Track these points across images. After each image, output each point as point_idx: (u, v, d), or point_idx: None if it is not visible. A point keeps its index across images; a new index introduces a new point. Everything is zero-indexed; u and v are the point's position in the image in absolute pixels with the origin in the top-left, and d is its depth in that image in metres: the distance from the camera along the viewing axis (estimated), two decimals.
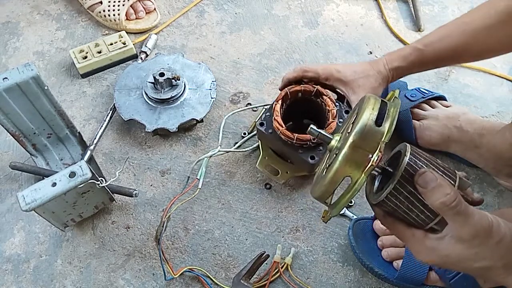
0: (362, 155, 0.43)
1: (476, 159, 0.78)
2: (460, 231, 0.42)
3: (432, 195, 0.42)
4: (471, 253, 0.43)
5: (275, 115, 0.72)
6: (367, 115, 0.44)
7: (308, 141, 0.70)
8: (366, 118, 0.44)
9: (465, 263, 0.44)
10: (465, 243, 0.42)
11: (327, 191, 0.46)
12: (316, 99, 0.75)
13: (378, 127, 0.43)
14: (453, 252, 0.43)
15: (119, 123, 0.90)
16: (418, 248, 0.46)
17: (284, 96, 0.74)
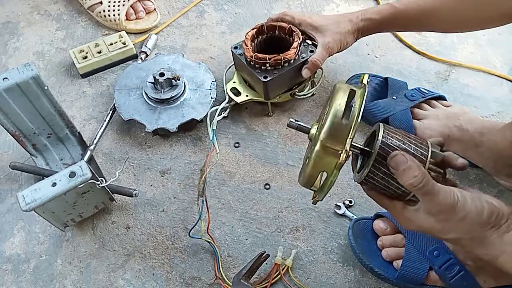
0: (332, 152, 0.47)
1: (476, 158, 0.78)
2: (429, 207, 0.47)
3: (403, 176, 0.46)
4: (440, 226, 0.47)
5: (245, 38, 0.83)
6: (334, 111, 0.48)
7: (265, 61, 0.79)
8: (334, 115, 0.47)
9: (437, 234, 0.48)
10: (433, 217, 0.47)
11: (309, 181, 0.51)
12: (289, 38, 0.84)
13: (345, 122, 0.47)
14: (425, 223, 0.48)
15: (119, 123, 0.90)
16: (398, 217, 0.51)
17: (260, 27, 0.85)
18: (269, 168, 0.84)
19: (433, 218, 0.47)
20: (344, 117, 0.47)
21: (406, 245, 0.68)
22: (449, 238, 0.48)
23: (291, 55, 0.80)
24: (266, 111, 0.90)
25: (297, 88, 0.87)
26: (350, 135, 0.47)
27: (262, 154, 0.85)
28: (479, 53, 0.98)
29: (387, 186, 0.50)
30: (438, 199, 0.46)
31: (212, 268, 0.73)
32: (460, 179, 0.80)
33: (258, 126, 0.89)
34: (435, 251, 0.65)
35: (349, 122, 0.47)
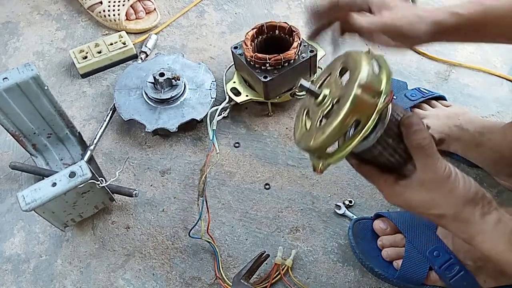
0: (370, 98, 0.45)
1: (476, 158, 0.78)
2: (424, 174, 0.48)
3: (414, 135, 0.47)
4: (429, 198, 0.48)
5: (245, 38, 0.83)
6: (365, 64, 0.46)
7: (265, 61, 0.79)
8: (366, 67, 0.46)
9: (423, 208, 0.49)
10: (425, 186, 0.48)
11: (333, 137, 0.46)
12: (289, 38, 0.84)
13: (378, 75, 0.46)
14: (414, 196, 0.49)
15: (119, 123, 0.90)
16: (388, 191, 0.51)
17: (260, 27, 0.84)
18: (269, 168, 0.84)
19: (423, 190, 0.48)
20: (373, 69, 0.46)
21: (406, 245, 0.68)
22: (433, 214, 0.49)
23: (291, 55, 0.80)
24: (266, 111, 0.90)
25: (297, 88, 0.87)
26: (387, 81, 0.46)
27: (262, 154, 0.85)
28: (479, 53, 0.98)
29: (389, 155, 0.49)
30: (436, 165, 0.47)
31: (212, 268, 0.73)
32: None
33: (258, 126, 0.89)
34: (435, 251, 0.65)
35: (380, 72, 0.46)
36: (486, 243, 0.48)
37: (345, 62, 0.50)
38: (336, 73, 0.51)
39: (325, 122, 0.47)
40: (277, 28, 0.85)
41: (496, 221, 0.48)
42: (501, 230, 0.48)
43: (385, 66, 0.47)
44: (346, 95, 0.45)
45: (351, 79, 0.46)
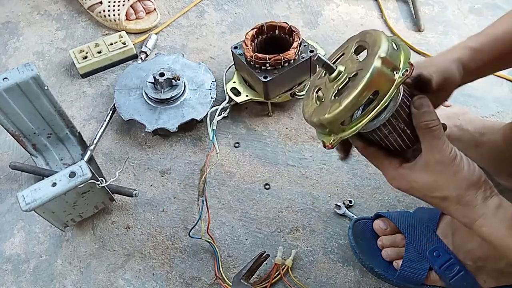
0: (389, 71, 0.45)
1: (476, 158, 0.77)
2: (430, 156, 0.48)
3: (423, 116, 0.48)
4: (433, 180, 0.49)
5: (245, 38, 0.83)
6: (385, 40, 0.46)
7: (265, 61, 0.79)
8: (386, 42, 0.46)
9: (427, 190, 0.50)
10: (430, 168, 0.48)
11: (349, 109, 0.46)
12: (289, 38, 0.84)
13: (396, 51, 0.47)
14: (419, 178, 0.49)
15: (119, 123, 0.90)
16: (392, 174, 0.51)
17: (260, 27, 0.84)
18: (269, 168, 0.84)
19: (427, 172, 0.49)
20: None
21: (406, 245, 0.67)
22: (437, 196, 0.49)
23: (291, 55, 0.80)
24: (266, 111, 0.90)
25: (297, 88, 0.87)
26: (408, 56, 0.47)
27: (262, 154, 0.85)
28: None
29: (397, 135, 0.50)
30: (442, 147, 0.48)
31: (212, 268, 0.73)
32: None
33: (258, 126, 0.89)
34: (435, 251, 0.65)
35: (398, 50, 0.47)
36: (486, 228, 0.48)
37: (362, 40, 0.51)
38: (351, 51, 0.51)
39: (341, 95, 0.47)
40: (277, 28, 0.85)
41: (497, 206, 0.48)
42: (502, 215, 0.48)
43: (403, 45, 0.48)
44: (366, 67, 0.45)
45: (371, 53, 0.46)
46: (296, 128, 0.88)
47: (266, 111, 0.90)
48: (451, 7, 1.07)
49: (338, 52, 0.54)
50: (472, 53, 0.61)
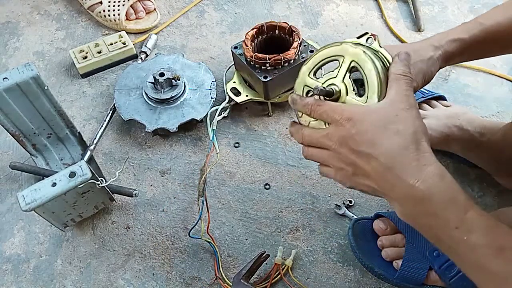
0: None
1: (476, 158, 0.78)
2: (396, 95, 0.48)
3: (401, 66, 0.51)
4: (394, 113, 0.47)
5: (245, 38, 0.83)
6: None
7: (265, 61, 0.79)
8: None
9: (382, 121, 0.47)
10: (394, 104, 0.48)
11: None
12: (289, 38, 0.84)
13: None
14: (378, 109, 0.48)
15: (119, 123, 0.90)
16: (351, 107, 0.50)
17: (260, 27, 0.84)
18: (269, 168, 0.84)
19: (391, 106, 0.48)
20: None
21: (406, 245, 0.68)
22: (392, 130, 0.46)
23: (291, 55, 0.80)
24: (266, 111, 0.90)
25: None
26: None
27: (262, 154, 0.85)
28: None
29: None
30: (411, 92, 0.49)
31: (212, 268, 0.73)
32: (460, 179, 0.80)
33: (258, 126, 0.89)
34: (435, 251, 0.65)
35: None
36: (436, 177, 0.44)
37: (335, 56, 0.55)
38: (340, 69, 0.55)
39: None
40: (277, 28, 0.85)
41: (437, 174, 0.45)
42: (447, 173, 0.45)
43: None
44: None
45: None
46: None
47: (266, 111, 0.90)
48: (451, 7, 1.07)
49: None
50: (460, 45, 0.61)
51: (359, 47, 0.52)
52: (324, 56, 0.55)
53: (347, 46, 0.53)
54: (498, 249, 0.42)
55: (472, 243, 0.43)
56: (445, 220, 0.44)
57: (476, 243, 0.43)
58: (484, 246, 0.42)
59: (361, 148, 0.47)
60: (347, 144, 0.48)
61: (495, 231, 0.43)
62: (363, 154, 0.47)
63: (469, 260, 0.44)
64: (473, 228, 0.43)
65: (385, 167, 0.46)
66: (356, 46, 0.53)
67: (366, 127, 0.47)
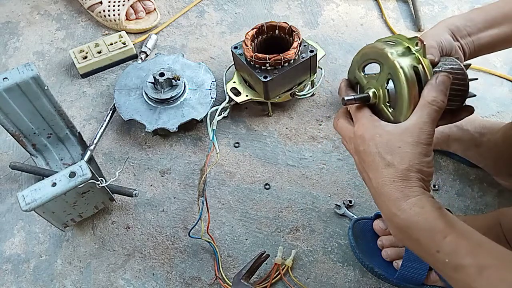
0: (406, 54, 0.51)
1: (476, 158, 0.78)
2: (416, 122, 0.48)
3: (435, 91, 0.49)
4: (397, 145, 0.48)
5: (245, 38, 0.83)
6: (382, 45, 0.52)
7: (265, 61, 0.79)
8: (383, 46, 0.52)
9: (384, 147, 0.48)
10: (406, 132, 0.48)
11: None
12: (289, 38, 0.84)
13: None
14: (389, 134, 0.49)
15: (119, 123, 0.90)
16: (364, 121, 0.51)
17: (260, 27, 0.84)
18: (269, 168, 0.84)
19: (403, 134, 0.48)
20: None
21: None
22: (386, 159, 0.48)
23: (291, 55, 0.80)
24: (266, 111, 0.90)
25: (297, 88, 0.87)
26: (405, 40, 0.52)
27: (262, 154, 0.85)
28: None
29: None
30: (432, 124, 0.49)
31: (212, 268, 0.73)
32: (460, 179, 0.80)
33: (258, 126, 0.89)
34: None
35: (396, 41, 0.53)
36: (418, 208, 0.46)
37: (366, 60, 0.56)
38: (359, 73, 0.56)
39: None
40: (277, 28, 0.85)
41: (431, 197, 0.48)
42: (434, 203, 0.47)
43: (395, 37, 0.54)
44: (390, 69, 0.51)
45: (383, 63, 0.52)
46: (296, 128, 0.88)
47: (266, 111, 0.90)
48: (451, 7, 1.07)
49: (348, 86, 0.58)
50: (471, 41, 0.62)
51: (400, 59, 0.50)
52: (370, 56, 0.54)
53: (388, 54, 0.51)
54: (479, 268, 0.43)
55: (453, 265, 0.45)
56: (426, 245, 0.46)
57: (457, 265, 0.44)
58: (466, 267, 0.44)
59: (364, 165, 0.51)
60: (358, 154, 0.52)
61: (476, 251, 0.45)
62: (365, 170, 0.51)
63: (455, 279, 0.46)
64: (452, 251, 0.45)
65: (375, 190, 0.49)
66: (400, 55, 0.51)
67: (370, 149, 0.49)
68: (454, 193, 0.79)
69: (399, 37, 0.53)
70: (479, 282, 0.43)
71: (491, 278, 0.43)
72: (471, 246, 0.45)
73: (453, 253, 0.45)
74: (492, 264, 0.43)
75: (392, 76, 0.51)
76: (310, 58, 0.83)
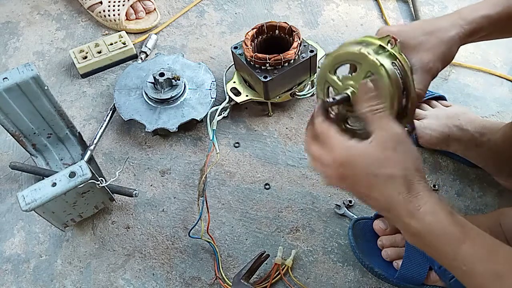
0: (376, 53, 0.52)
1: (476, 158, 0.78)
2: (381, 133, 0.48)
3: (366, 102, 0.50)
4: (382, 156, 0.47)
5: (245, 38, 0.83)
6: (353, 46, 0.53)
7: (265, 61, 0.79)
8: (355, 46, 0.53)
9: (372, 166, 0.47)
10: (380, 144, 0.48)
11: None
12: (289, 38, 0.84)
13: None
14: (366, 152, 0.48)
15: (119, 123, 0.90)
16: (338, 144, 0.50)
17: (260, 27, 0.84)
18: (269, 168, 0.84)
19: (378, 147, 0.47)
20: None
21: (406, 245, 0.67)
22: (382, 174, 0.47)
23: (291, 55, 0.80)
24: (266, 111, 0.90)
25: (297, 88, 0.87)
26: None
27: (262, 154, 0.85)
28: (479, 53, 0.98)
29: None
30: (392, 125, 0.48)
31: (212, 268, 0.73)
32: (460, 179, 0.80)
33: (258, 126, 0.89)
34: None
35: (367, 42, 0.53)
36: (431, 216, 0.46)
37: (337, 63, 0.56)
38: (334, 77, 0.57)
39: None
40: (277, 28, 0.85)
41: (437, 197, 0.48)
42: (443, 205, 0.47)
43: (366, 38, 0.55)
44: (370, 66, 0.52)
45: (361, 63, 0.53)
46: (296, 128, 0.88)
47: (266, 111, 0.90)
48: (451, 7, 1.07)
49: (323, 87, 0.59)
50: (487, 21, 0.58)
51: (378, 57, 0.51)
52: (344, 58, 0.55)
53: (365, 53, 0.52)
54: (496, 276, 0.44)
55: (469, 272, 0.45)
56: (442, 252, 0.46)
57: (473, 272, 0.45)
58: (482, 274, 0.44)
59: (359, 189, 0.50)
60: (345, 181, 0.50)
61: (492, 258, 0.45)
62: (362, 193, 0.50)
63: (471, 284, 0.46)
64: (469, 260, 0.45)
65: (382, 207, 0.49)
66: (376, 53, 0.52)
67: (359, 172, 0.48)
68: (454, 193, 0.79)
69: (366, 38, 0.54)
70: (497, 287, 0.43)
71: (507, 284, 0.43)
72: (487, 252, 0.45)
73: (470, 261, 0.45)
74: (509, 271, 0.43)
75: (373, 73, 0.52)
76: (310, 58, 0.83)
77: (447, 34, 0.57)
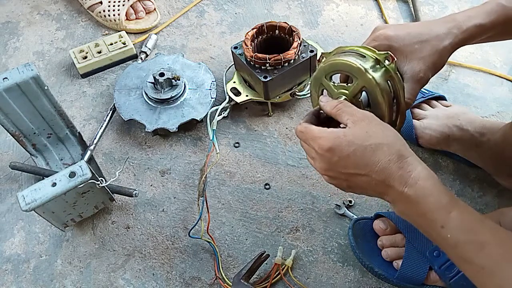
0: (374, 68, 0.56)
1: (476, 158, 0.78)
2: (351, 118, 0.52)
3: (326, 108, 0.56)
4: (363, 132, 0.50)
5: (245, 38, 0.83)
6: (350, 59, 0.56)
7: (265, 61, 0.79)
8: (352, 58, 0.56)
9: (360, 140, 0.50)
10: (357, 125, 0.51)
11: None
12: (289, 38, 0.84)
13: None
14: (347, 133, 0.51)
15: (119, 123, 0.90)
16: (325, 135, 0.53)
17: (260, 27, 0.84)
18: (269, 168, 0.84)
19: (356, 127, 0.51)
20: None
21: (406, 245, 0.68)
22: (371, 144, 0.49)
23: (291, 55, 0.80)
24: (266, 111, 0.90)
25: (297, 88, 0.87)
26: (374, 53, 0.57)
27: (262, 154, 0.85)
28: (479, 53, 0.98)
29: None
30: (356, 109, 0.53)
31: (212, 268, 0.73)
32: (460, 179, 0.80)
33: (258, 126, 0.89)
34: (435, 251, 0.65)
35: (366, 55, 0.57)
36: (422, 182, 0.48)
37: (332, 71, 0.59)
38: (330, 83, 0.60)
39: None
40: (277, 28, 0.85)
41: (425, 165, 0.50)
42: (434, 177, 0.49)
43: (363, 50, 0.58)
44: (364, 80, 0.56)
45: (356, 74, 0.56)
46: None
47: (266, 111, 0.90)
48: (451, 7, 1.07)
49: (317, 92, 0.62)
50: (481, 29, 0.58)
51: (375, 74, 0.54)
52: (342, 68, 0.57)
53: (363, 69, 0.54)
54: (480, 245, 0.45)
55: (454, 241, 0.46)
56: (432, 220, 0.47)
57: (458, 240, 0.46)
58: (466, 243, 0.46)
59: (349, 170, 0.51)
60: (335, 168, 0.53)
61: (477, 228, 0.46)
62: (352, 174, 0.51)
63: (455, 255, 0.47)
64: (455, 226, 0.46)
65: (376, 180, 0.50)
66: (373, 68, 0.55)
67: (346, 152, 0.50)
68: (454, 193, 0.79)
69: (365, 49, 0.56)
70: (478, 258, 0.45)
71: (491, 254, 0.44)
72: (474, 222, 0.47)
73: (455, 229, 0.46)
74: (493, 241, 0.45)
75: (368, 90, 0.55)
76: (310, 58, 0.83)
77: (441, 43, 0.58)
